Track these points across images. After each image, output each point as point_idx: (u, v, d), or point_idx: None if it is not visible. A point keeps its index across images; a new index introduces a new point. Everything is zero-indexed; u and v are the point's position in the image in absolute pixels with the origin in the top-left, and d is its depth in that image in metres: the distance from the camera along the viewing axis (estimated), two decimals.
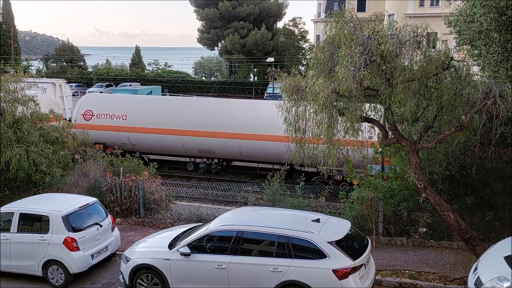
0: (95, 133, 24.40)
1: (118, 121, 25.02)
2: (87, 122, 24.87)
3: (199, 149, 24.48)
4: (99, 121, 25.23)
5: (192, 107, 25.20)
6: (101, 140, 24.84)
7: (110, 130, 25.10)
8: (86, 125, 24.41)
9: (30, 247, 11.11)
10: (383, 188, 13.02)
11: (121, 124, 25.00)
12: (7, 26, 68.08)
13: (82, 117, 25.46)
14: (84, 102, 26.30)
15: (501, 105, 9.18)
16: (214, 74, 74.27)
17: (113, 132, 25.06)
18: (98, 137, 24.71)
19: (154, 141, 24.74)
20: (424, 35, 9.77)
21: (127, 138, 24.98)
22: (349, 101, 9.52)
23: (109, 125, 25.03)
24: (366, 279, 9.13)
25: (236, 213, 10.97)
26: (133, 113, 25.13)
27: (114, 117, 25.17)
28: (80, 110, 25.82)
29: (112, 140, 25.04)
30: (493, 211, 11.46)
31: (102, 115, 25.37)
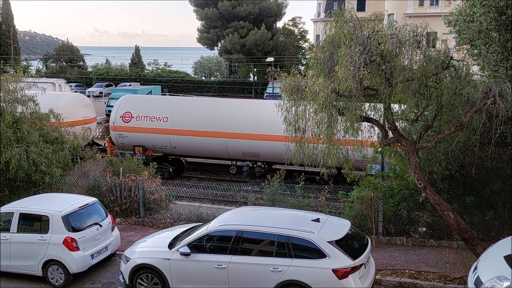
0: (134, 136, 24.06)
1: (159, 123, 24.30)
2: (126, 125, 24.43)
3: (243, 152, 23.82)
4: (138, 123, 24.61)
5: (236, 109, 24.57)
6: (140, 142, 24.38)
7: (151, 132, 24.41)
8: (125, 127, 24.12)
9: (30, 247, 11.11)
10: (383, 187, 13.03)
11: (162, 126, 24.24)
12: (7, 26, 68.01)
13: (121, 119, 24.80)
14: (122, 104, 25.58)
15: (501, 105, 9.18)
16: (213, 74, 74.25)
17: (153, 135, 24.41)
18: (138, 140, 24.31)
19: (196, 143, 24.04)
20: (423, 35, 9.77)
21: (168, 140, 24.30)
22: (348, 100, 9.52)
23: (150, 127, 24.34)
24: (366, 278, 9.13)
25: (236, 213, 10.97)
26: (175, 115, 24.42)
27: (154, 119, 24.47)
28: (118, 112, 25.12)
29: (152, 143, 24.42)
30: (493, 210, 11.47)
31: (142, 117, 24.65)
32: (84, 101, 28.01)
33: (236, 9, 63.04)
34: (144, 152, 24.11)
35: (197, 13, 65.77)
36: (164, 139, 24.30)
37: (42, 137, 15.87)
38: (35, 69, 70.72)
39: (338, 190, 14.09)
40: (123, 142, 24.83)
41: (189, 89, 62.48)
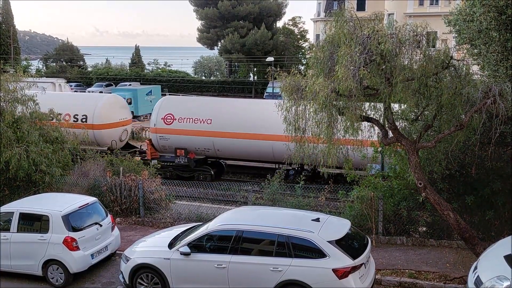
0: (176, 138, 23.63)
1: (202, 125, 23.63)
2: (168, 127, 23.92)
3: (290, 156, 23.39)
4: (181, 125, 23.90)
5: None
6: (183, 145, 23.85)
7: (194, 134, 23.71)
8: (167, 129, 23.70)
9: (30, 247, 11.11)
10: (383, 187, 13.03)
11: (205, 128, 23.60)
12: (7, 25, 68.02)
13: (163, 121, 24.12)
14: (163, 106, 24.86)
15: (501, 104, 9.19)
16: (213, 74, 74.26)
17: (196, 137, 23.78)
18: (180, 142, 23.83)
19: (241, 146, 23.43)
20: (423, 34, 9.77)
21: (211, 143, 23.69)
22: (348, 100, 9.52)
23: (193, 129, 23.58)
24: (366, 278, 9.13)
25: (236, 213, 10.98)
26: (219, 117, 23.65)
27: (198, 121, 23.79)
28: (160, 114, 24.39)
29: (195, 145, 23.83)
30: (493, 210, 11.46)
31: (184, 119, 23.87)
32: (121, 103, 27.58)
33: (236, 9, 63.03)
34: (186, 155, 23.57)
35: (197, 12, 65.77)
36: (208, 141, 23.72)
37: (42, 137, 15.85)
38: (35, 68, 70.72)
39: (338, 189, 14.09)
40: (164, 145, 24.23)
41: (189, 89, 62.49)
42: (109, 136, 25.62)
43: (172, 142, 23.80)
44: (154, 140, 24.52)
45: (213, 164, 25.09)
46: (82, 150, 23.83)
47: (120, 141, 26.40)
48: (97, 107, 25.24)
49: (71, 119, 24.80)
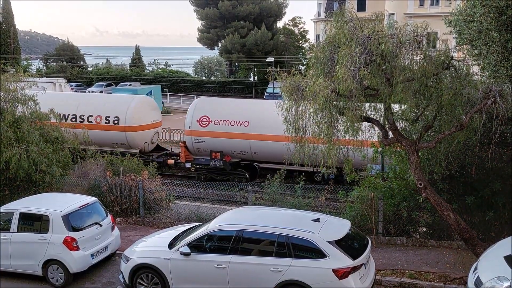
0: (212, 141, 23.20)
1: (239, 128, 23.12)
2: (204, 129, 23.45)
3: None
4: (217, 128, 23.35)
5: None
6: (218, 148, 23.39)
7: (230, 137, 23.20)
8: (202, 132, 23.29)
9: (30, 247, 11.11)
10: (383, 187, 13.03)
11: (242, 131, 23.10)
12: (7, 25, 68.04)
13: (198, 124, 23.58)
14: (198, 108, 24.26)
15: (501, 105, 9.19)
16: (214, 74, 74.29)
17: (233, 140, 23.30)
18: (216, 145, 23.35)
19: (279, 149, 22.16)
20: (424, 35, 9.77)
21: (248, 146, 23.22)
22: (349, 100, 9.52)
23: (229, 132, 23.07)
24: (366, 278, 9.13)
25: (236, 213, 10.97)
26: (257, 119, 23.07)
27: (234, 123, 23.27)
28: (195, 116, 23.83)
29: (231, 148, 23.34)
30: (493, 210, 11.46)
31: (220, 121, 23.31)
32: (152, 104, 27.08)
33: (237, 9, 63.03)
34: (222, 158, 23.18)
35: (197, 13, 65.77)
36: (244, 144, 23.21)
37: (42, 137, 15.85)
38: (35, 68, 70.74)
39: (338, 190, 14.09)
40: (199, 148, 23.77)
41: (189, 89, 62.50)
42: (141, 138, 25.18)
43: (208, 144, 23.31)
44: (188, 143, 23.95)
45: (247, 167, 24.62)
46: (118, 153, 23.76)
47: (151, 144, 25.95)
48: (129, 108, 24.75)
49: (103, 121, 24.53)
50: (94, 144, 23.73)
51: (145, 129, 25.42)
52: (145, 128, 25.39)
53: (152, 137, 26.00)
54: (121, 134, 24.55)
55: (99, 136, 24.23)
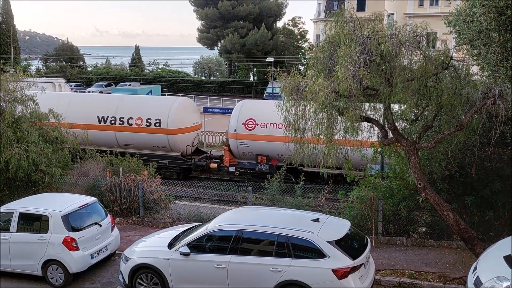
0: (258, 144, 22.48)
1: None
2: (250, 132, 22.60)
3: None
4: (264, 131, 22.37)
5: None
6: (265, 152, 22.56)
7: (278, 141, 21.82)
8: (248, 135, 22.54)
9: (29, 247, 11.10)
10: (382, 187, 13.03)
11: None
12: (7, 25, 68.05)
13: (244, 127, 22.67)
14: (244, 110, 23.30)
15: (501, 105, 9.19)
16: (213, 74, 74.32)
17: (280, 143, 21.71)
18: (262, 149, 22.55)
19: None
20: (423, 35, 9.77)
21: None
22: (348, 100, 9.52)
23: (277, 135, 21.69)
24: (365, 278, 9.13)
25: (236, 213, 10.97)
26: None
27: (282, 126, 22.69)
28: (240, 119, 22.92)
29: (278, 152, 22.21)
30: (493, 210, 11.47)
31: (267, 124, 22.27)
32: (193, 106, 26.36)
33: (236, 9, 63.05)
34: (268, 162, 22.48)
35: (197, 13, 65.81)
36: (292, 147, 22.59)
37: (41, 137, 15.84)
38: (35, 68, 70.74)
39: (337, 190, 14.09)
40: (244, 151, 22.99)
41: (189, 89, 62.52)
42: (183, 141, 24.42)
43: (253, 148, 22.58)
44: (233, 146, 23.15)
45: (291, 170, 23.58)
46: (157, 156, 23.22)
47: (192, 146, 25.27)
48: (171, 111, 23.98)
49: (144, 124, 23.89)
50: (134, 147, 23.79)
51: (187, 131, 24.57)
52: (187, 131, 24.54)
53: (193, 140, 25.30)
54: (162, 137, 23.79)
55: (139, 139, 23.91)
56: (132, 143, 24.24)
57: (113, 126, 24.32)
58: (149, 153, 23.82)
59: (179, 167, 24.32)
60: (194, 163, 24.00)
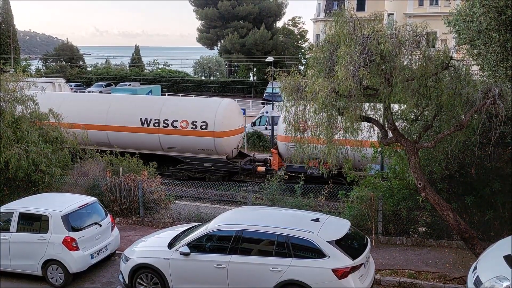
0: (310, 147, 22.05)
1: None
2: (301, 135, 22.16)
3: None
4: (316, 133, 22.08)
5: None
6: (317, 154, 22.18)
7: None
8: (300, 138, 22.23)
9: (29, 247, 11.10)
10: (382, 187, 13.03)
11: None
12: (7, 25, 68.06)
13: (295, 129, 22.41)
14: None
15: (501, 105, 9.19)
16: (213, 74, 74.29)
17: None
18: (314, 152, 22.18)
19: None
20: (423, 35, 9.77)
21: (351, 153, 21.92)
22: (348, 100, 9.52)
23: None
24: (365, 278, 9.13)
25: (236, 213, 10.97)
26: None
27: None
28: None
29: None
30: (493, 210, 11.47)
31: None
32: (238, 108, 25.78)
33: (236, 9, 63.06)
34: (320, 165, 22.26)
35: (197, 12, 65.80)
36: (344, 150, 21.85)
37: (41, 137, 15.84)
38: (34, 68, 70.72)
39: (338, 190, 14.09)
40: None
41: (188, 89, 62.51)
42: (229, 144, 23.87)
43: (305, 151, 22.38)
44: (282, 149, 22.46)
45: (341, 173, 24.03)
46: (202, 159, 22.73)
47: (236, 150, 24.76)
48: (217, 113, 23.41)
49: (189, 126, 23.36)
50: (178, 150, 23.49)
51: (233, 134, 24.02)
52: (233, 134, 23.98)
53: (238, 143, 24.86)
54: (209, 140, 23.26)
55: (184, 142, 23.53)
56: (175, 146, 23.78)
57: (157, 128, 23.76)
58: (193, 156, 23.53)
59: (224, 170, 23.74)
60: (240, 167, 23.29)
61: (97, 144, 22.91)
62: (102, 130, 24.43)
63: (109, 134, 24.50)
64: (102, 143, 23.97)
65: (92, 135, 24.21)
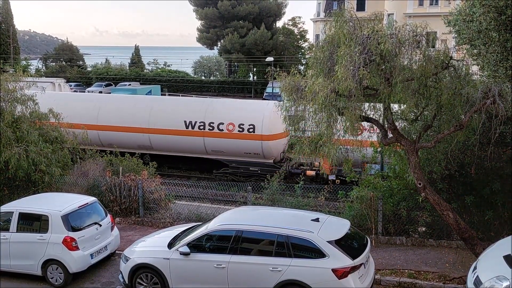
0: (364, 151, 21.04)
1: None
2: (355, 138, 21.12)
3: None
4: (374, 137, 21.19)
5: None
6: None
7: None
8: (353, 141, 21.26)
9: (29, 247, 11.10)
10: (382, 187, 13.03)
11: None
12: (6, 25, 68.02)
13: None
14: None
15: (500, 105, 9.19)
16: (213, 74, 74.26)
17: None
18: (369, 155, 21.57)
19: None
20: (423, 35, 9.77)
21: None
22: (348, 100, 9.52)
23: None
24: (365, 278, 9.13)
25: (236, 213, 10.97)
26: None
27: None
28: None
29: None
30: (492, 210, 11.47)
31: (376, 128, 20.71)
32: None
33: (236, 9, 63.05)
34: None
35: (196, 12, 65.79)
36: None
37: (41, 137, 15.83)
38: (34, 68, 70.70)
39: (337, 190, 14.09)
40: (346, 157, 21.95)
41: (188, 89, 62.49)
42: (276, 147, 23.51)
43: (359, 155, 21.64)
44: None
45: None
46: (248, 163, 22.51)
47: (283, 153, 24.20)
48: (265, 116, 22.96)
49: (236, 129, 23.03)
50: (222, 154, 23.15)
51: (280, 137, 23.30)
52: (280, 137, 23.26)
53: (284, 147, 24.14)
54: (256, 143, 22.89)
55: (230, 145, 23.22)
56: (221, 150, 23.44)
57: (202, 131, 23.48)
58: (239, 160, 23.21)
59: (271, 175, 23.54)
60: (288, 171, 22.46)
61: (138, 147, 22.74)
62: (144, 133, 24.08)
63: (151, 138, 24.12)
64: (143, 146, 23.83)
65: (132, 138, 24.14)
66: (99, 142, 24.09)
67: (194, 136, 23.58)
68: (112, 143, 22.80)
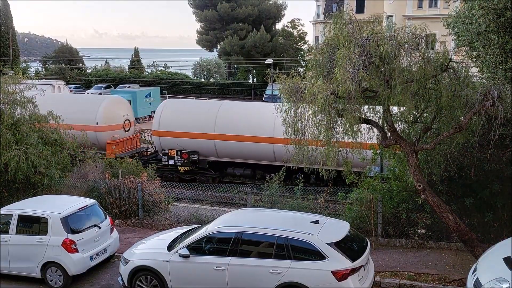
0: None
1: None
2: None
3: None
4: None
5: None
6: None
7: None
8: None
9: (29, 249, 11.09)
10: (382, 189, 13.03)
11: None
12: (6, 27, 68.01)
13: None
14: None
15: (500, 107, 9.19)
16: (213, 76, 74.29)
17: None
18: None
19: None
20: (422, 37, 9.78)
21: None
22: (348, 102, 9.52)
23: None
24: (365, 280, 9.13)
25: (235, 215, 10.96)
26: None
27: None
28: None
29: None
30: (492, 212, 11.47)
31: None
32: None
33: (235, 11, 63.12)
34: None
35: (196, 15, 65.85)
36: None
37: (41, 139, 15.83)
38: (34, 70, 70.71)
39: (337, 192, 14.09)
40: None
41: (188, 91, 62.51)
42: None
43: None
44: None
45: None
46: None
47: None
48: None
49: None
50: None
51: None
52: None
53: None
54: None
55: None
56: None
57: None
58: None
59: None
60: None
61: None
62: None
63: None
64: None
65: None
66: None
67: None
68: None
